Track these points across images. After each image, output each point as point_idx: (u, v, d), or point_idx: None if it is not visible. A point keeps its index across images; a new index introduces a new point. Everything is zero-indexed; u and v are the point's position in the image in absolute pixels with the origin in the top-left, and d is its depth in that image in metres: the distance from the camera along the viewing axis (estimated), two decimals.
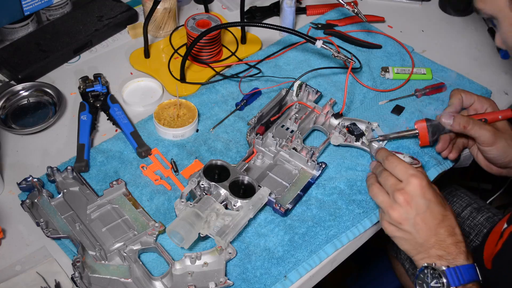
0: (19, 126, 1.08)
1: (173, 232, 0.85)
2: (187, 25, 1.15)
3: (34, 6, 1.18)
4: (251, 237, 0.91)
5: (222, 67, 1.20)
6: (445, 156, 1.01)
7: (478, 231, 1.16)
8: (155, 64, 1.21)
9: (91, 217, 0.92)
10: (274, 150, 1.01)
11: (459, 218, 1.19)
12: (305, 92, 1.11)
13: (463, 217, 1.19)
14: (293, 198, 0.95)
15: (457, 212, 1.20)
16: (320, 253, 0.89)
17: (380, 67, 1.21)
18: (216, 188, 0.92)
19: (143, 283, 0.84)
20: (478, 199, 1.23)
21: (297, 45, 1.25)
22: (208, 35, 1.12)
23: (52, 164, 0.97)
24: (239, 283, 0.85)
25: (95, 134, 1.07)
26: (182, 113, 1.07)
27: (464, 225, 1.18)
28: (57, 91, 1.12)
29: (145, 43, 1.19)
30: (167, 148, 1.04)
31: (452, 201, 1.22)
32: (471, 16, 1.41)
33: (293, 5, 1.26)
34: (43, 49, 1.20)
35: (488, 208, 1.20)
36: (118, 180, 0.96)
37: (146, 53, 1.21)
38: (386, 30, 1.33)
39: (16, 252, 0.89)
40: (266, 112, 1.06)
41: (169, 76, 1.18)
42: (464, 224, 1.18)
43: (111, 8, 1.32)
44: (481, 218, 1.18)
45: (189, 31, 1.14)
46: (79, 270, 0.81)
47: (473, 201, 1.22)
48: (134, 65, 1.21)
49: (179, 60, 1.15)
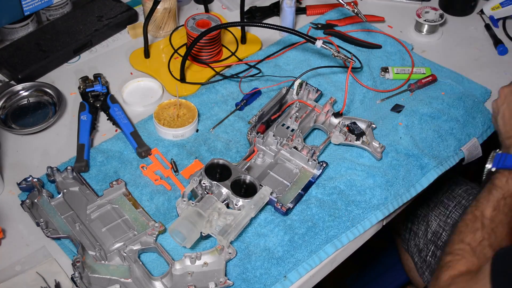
0: (19, 126, 1.08)
1: (175, 231, 0.85)
2: (187, 25, 1.15)
3: (34, 6, 1.18)
4: (251, 237, 0.91)
5: (222, 67, 1.20)
6: None
7: None
8: (155, 64, 1.21)
9: (91, 217, 0.92)
10: (275, 149, 1.01)
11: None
12: (305, 91, 1.11)
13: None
14: (294, 197, 0.95)
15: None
16: (320, 253, 0.89)
17: (380, 67, 1.21)
18: (217, 187, 0.92)
19: (143, 283, 0.84)
20: None
21: (297, 45, 1.25)
22: (208, 35, 1.12)
23: (52, 164, 0.97)
24: (239, 283, 0.85)
25: (95, 134, 1.07)
26: (182, 113, 1.07)
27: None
28: (57, 91, 1.12)
29: (145, 43, 1.19)
30: (167, 148, 1.04)
31: (468, 199, 1.22)
32: (471, 16, 1.41)
33: (293, 5, 1.26)
34: (43, 49, 1.20)
35: None
36: (118, 180, 0.96)
37: (146, 53, 1.21)
38: (386, 30, 1.33)
39: (16, 252, 0.89)
40: (267, 110, 1.06)
41: (169, 76, 1.18)
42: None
43: (111, 8, 1.32)
44: None
45: (189, 31, 1.14)
46: (79, 270, 0.81)
47: None
48: (134, 65, 1.21)
49: (179, 60, 1.15)
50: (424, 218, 1.25)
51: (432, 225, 1.23)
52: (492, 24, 1.36)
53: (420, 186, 1.00)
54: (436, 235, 1.22)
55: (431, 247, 1.22)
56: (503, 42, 1.30)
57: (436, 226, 1.22)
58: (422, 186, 1.00)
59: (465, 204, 1.21)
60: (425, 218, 1.25)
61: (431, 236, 1.23)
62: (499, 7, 1.36)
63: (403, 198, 0.98)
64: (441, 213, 1.23)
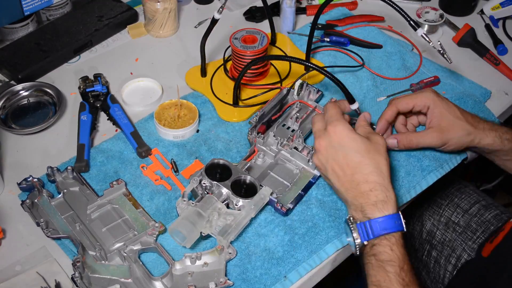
0: (19, 126, 1.07)
1: (175, 231, 0.85)
2: (234, 45, 1.09)
3: (34, 6, 1.17)
4: (251, 237, 0.91)
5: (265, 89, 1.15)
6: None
7: (486, 228, 1.17)
8: (209, 83, 1.15)
9: (91, 217, 0.92)
10: (275, 149, 1.01)
11: (467, 214, 1.19)
12: (306, 91, 1.11)
13: (471, 214, 1.19)
14: (294, 198, 0.95)
15: (465, 208, 1.21)
16: (320, 253, 0.89)
17: (380, 67, 1.21)
18: (218, 187, 0.92)
19: (143, 283, 0.84)
20: (486, 197, 1.24)
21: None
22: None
23: (52, 164, 0.97)
24: (239, 283, 0.85)
25: (95, 134, 1.07)
26: (183, 114, 1.07)
27: (472, 221, 1.18)
28: (57, 91, 1.12)
29: (202, 60, 1.14)
30: (167, 148, 1.04)
31: (461, 197, 1.23)
32: (471, 16, 1.41)
33: (293, 5, 1.26)
34: (43, 49, 1.20)
35: (496, 206, 1.21)
36: (118, 180, 0.95)
37: (202, 72, 1.16)
38: (386, 30, 1.33)
39: (16, 252, 0.89)
40: (268, 111, 1.06)
41: (224, 98, 1.12)
42: (471, 221, 1.18)
43: (111, 8, 1.32)
44: (488, 215, 1.18)
45: (237, 49, 1.08)
46: (79, 270, 0.81)
47: (481, 198, 1.23)
48: (189, 83, 1.16)
49: (221, 76, 1.13)
50: (418, 218, 1.26)
51: (427, 224, 1.23)
52: (492, 24, 1.36)
53: (420, 188, 1.00)
54: (430, 234, 1.22)
55: (426, 246, 1.23)
56: (503, 42, 1.30)
57: (431, 226, 1.23)
58: (422, 188, 1.00)
59: (458, 202, 1.22)
60: (419, 219, 1.26)
61: (426, 236, 1.23)
62: (499, 7, 1.36)
63: (403, 199, 0.98)
64: (435, 212, 1.23)
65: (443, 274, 1.18)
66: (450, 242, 1.19)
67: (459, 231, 1.19)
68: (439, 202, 1.24)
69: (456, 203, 1.22)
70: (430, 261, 1.21)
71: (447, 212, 1.22)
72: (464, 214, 1.20)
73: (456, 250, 1.17)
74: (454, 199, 1.23)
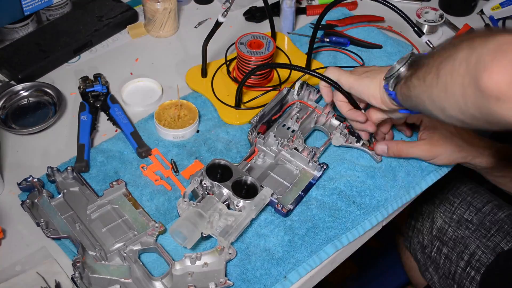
0: (19, 126, 1.07)
1: (176, 232, 0.85)
2: (240, 50, 1.08)
3: (34, 6, 1.17)
4: (251, 237, 0.91)
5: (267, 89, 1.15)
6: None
7: (500, 226, 1.17)
8: (210, 84, 1.15)
9: (91, 217, 0.92)
10: (276, 149, 1.01)
11: (480, 213, 1.20)
12: (306, 92, 1.11)
13: (484, 212, 1.20)
14: (295, 199, 0.95)
15: (478, 207, 1.21)
16: (320, 254, 0.89)
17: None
18: (218, 188, 0.92)
19: (143, 283, 0.84)
20: (498, 197, 1.25)
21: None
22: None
23: (52, 164, 0.97)
24: (239, 284, 0.85)
25: (95, 134, 1.07)
26: (183, 114, 1.07)
27: (485, 220, 1.19)
28: (57, 91, 1.12)
29: (203, 62, 1.14)
30: (167, 148, 1.04)
31: (473, 196, 1.23)
32: (471, 16, 1.41)
33: (293, 5, 1.26)
34: (43, 49, 1.20)
35: (509, 206, 1.21)
36: (118, 180, 0.96)
37: (203, 72, 1.15)
38: (385, 31, 1.32)
39: (16, 252, 0.89)
40: (268, 111, 1.06)
41: (224, 99, 1.12)
42: (485, 219, 1.19)
43: (111, 8, 1.31)
44: (502, 214, 1.19)
45: (244, 55, 1.08)
46: (79, 271, 0.81)
47: (493, 198, 1.23)
48: (190, 83, 1.16)
49: (222, 77, 1.13)
50: (429, 215, 1.26)
51: (438, 221, 1.24)
52: (492, 24, 1.36)
53: (419, 188, 1.00)
54: (441, 231, 1.23)
55: (436, 243, 1.23)
56: None
57: (442, 223, 1.23)
58: (421, 189, 1.00)
59: (470, 200, 1.22)
60: (430, 215, 1.26)
61: (436, 232, 1.24)
62: (499, 7, 1.36)
63: (402, 199, 0.98)
64: (447, 210, 1.24)
65: (454, 270, 1.18)
66: (462, 239, 1.19)
67: (472, 229, 1.19)
68: (451, 200, 1.24)
69: (468, 202, 1.22)
70: (440, 257, 1.22)
71: (459, 210, 1.22)
72: (478, 212, 1.20)
73: (469, 247, 1.17)
74: (466, 197, 1.24)
